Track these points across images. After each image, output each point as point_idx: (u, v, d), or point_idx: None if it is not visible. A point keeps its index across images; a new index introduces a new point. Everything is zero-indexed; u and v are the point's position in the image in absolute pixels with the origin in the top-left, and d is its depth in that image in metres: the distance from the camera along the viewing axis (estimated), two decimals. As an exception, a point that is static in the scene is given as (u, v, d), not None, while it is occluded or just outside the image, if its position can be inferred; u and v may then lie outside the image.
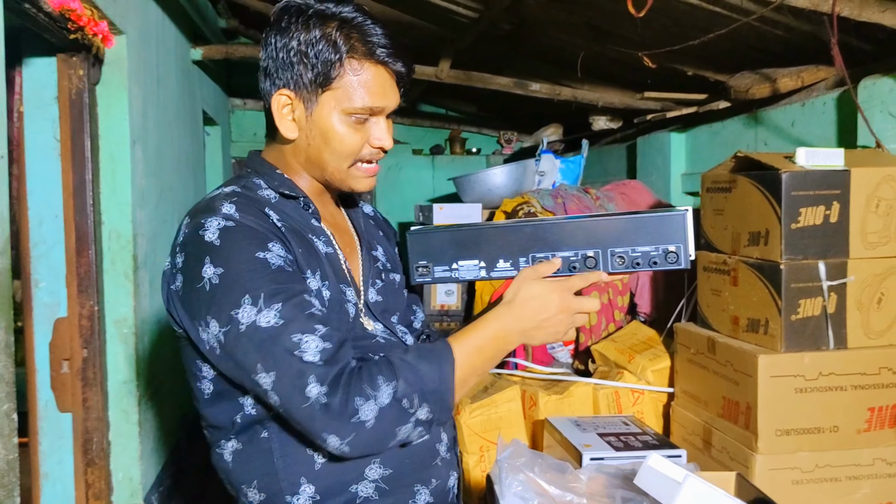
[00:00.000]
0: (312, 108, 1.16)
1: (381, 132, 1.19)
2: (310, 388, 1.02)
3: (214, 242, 1.08)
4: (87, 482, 2.31)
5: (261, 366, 1.04)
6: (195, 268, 1.08)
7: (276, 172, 1.22)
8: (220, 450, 1.20)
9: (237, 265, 1.06)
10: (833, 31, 1.78)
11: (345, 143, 1.17)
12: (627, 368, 2.30)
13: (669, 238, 1.22)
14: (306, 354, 1.03)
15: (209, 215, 1.11)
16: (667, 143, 3.27)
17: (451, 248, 1.26)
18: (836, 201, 1.72)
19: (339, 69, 1.14)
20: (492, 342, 1.15)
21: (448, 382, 1.09)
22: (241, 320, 1.04)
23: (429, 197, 5.57)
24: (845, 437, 1.72)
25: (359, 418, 1.03)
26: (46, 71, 2.27)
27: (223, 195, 1.16)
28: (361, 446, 1.05)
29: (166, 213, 2.93)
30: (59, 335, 2.30)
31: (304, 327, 1.05)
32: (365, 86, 1.15)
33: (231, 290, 1.05)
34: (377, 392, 1.04)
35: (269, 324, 1.04)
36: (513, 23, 3.21)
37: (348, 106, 1.15)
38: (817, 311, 1.73)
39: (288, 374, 1.03)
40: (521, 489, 1.30)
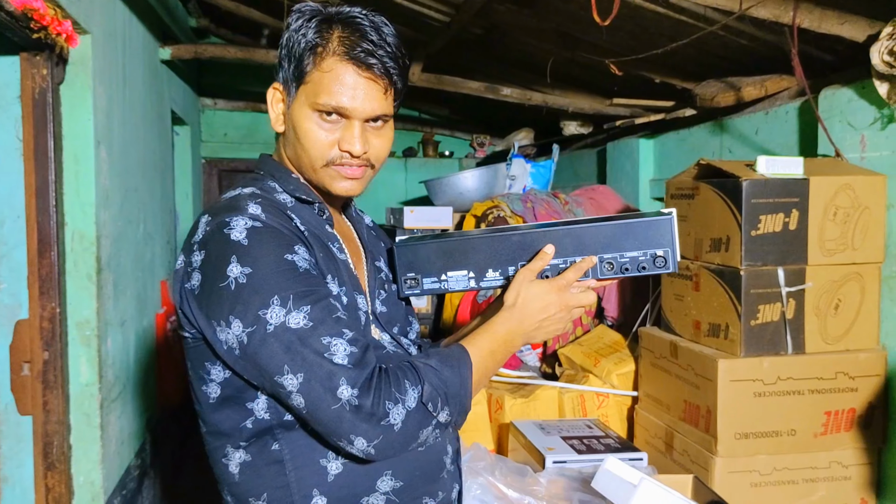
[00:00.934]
0: (291, 101, 1.17)
1: (349, 136, 1.14)
2: (341, 389, 1.02)
3: (242, 242, 1.06)
4: (47, 486, 2.28)
5: (287, 367, 1.03)
6: (219, 266, 1.06)
7: (291, 177, 1.21)
8: (225, 460, 1.17)
9: (266, 266, 1.05)
10: (794, 42, 1.81)
11: (309, 139, 1.15)
12: (593, 372, 2.32)
13: (657, 242, 1.24)
14: (336, 357, 1.03)
15: (235, 214, 1.09)
16: (636, 148, 3.30)
17: (439, 259, 1.27)
18: (796, 209, 1.75)
19: (310, 63, 1.14)
20: (502, 346, 1.18)
21: (468, 386, 1.12)
22: (269, 320, 1.03)
23: (401, 199, 5.57)
24: (803, 441, 1.76)
25: (388, 421, 1.04)
26: (9, 70, 2.23)
27: (245, 195, 1.15)
28: (387, 448, 1.06)
29: (131, 214, 2.90)
30: (20, 337, 2.26)
31: (333, 330, 1.05)
32: (334, 83, 1.13)
33: (259, 291, 1.04)
34: (405, 396, 1.05)
35: (299, 325, 1.03)
36: (484, 28, 3.22)
37: (314, 101, 1.14)
38: (776, 317, 1.76)
39: (318, 375, 1.03)
40: (480, 492, 1.30)
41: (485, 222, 2.97)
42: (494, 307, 1.32)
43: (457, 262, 1.27)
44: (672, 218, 1.23)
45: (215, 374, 1.14)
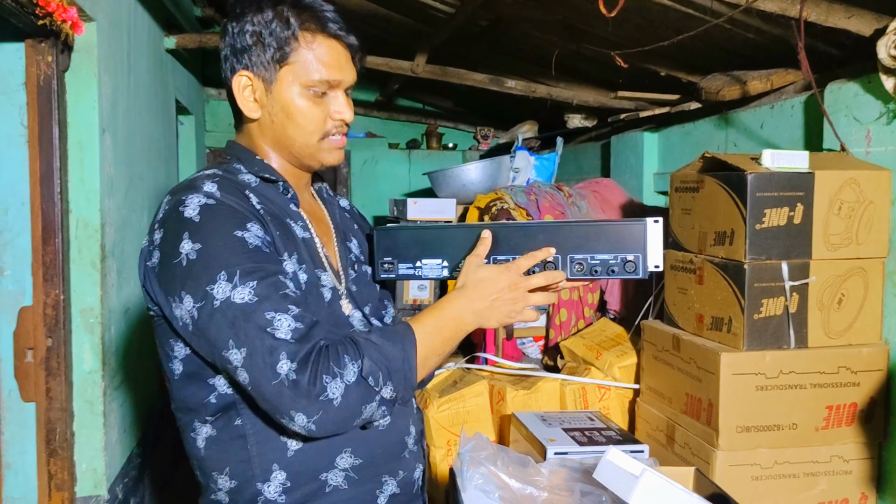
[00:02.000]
0: (272, 85, 1.20)
1: (340, 105, 1.21)
2: (280, 364, 1.02)
3: (194, 219, 1.09)
4: (49, 472, 2.29)
5: (232, 342, 1.05)
6: (173, 243, 1.09)
7: (255, 158, 1.24)
8: (193, 434, 1.20)
9: (215, 242, 1.08)
10: (800, 36, 1.81)
11: (307, 118, 1.20)
12: (595, 365, 2.32)
13: (628, 247, 1.24)
14: (278, 332, 1.04)
15: (191, 192, 1.12)
16: (640, 142, 3.30)
17: (415, 246, 1.29)
18: (800, 203, 1.74)
19: (294, 44, 1.18)
20: (449, 322, 1.17)
21: (411, 361, 1.11)
22: (215, 296, 1.05)
23: (404, 191, 5.56)
24: (804, 435, 1.76)
25: (327, 396, 1.04)
26: (14, 56, 2.23)
27: (205, 175, 1.18)
28: (328, 424, 1.06)
29: (136, 202, 2.90)
30: (24, 324, 2.27)
31: (278, 306, 1.06)
32: (320, 59, 1.19)
33: (207, 266, 1.06)
34: (343, 370, 1.05)
35: (244, 300, 1.04)
36: (489, 19, 3.21)
37: (306, 79, 1.18)
38: (779, 311, 1.76)
39: (259, 350, 1.03)
40: (482, 482, 1.31)
41: (488, 214, 2.97)
42: None
43: (432, 250, 1.29)
44: (645, 224, 1.23)
45: (178, 351, 1.17)
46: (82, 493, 2.37)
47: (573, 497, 1.26)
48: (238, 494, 1.17)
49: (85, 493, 2.38)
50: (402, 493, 1.25)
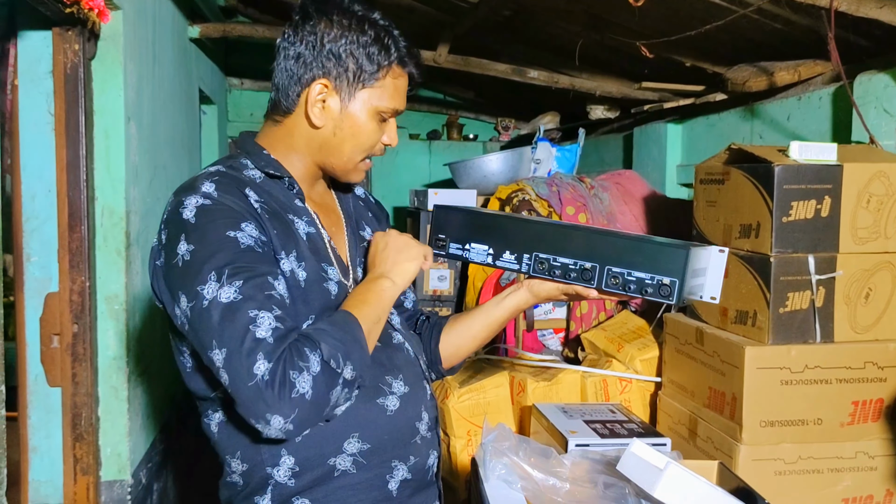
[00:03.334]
0: (348, 101, 1.23)
1: (393, 132, 1.28)
2: (258, 365, 1.03)
3: (191, 220, 1.12)
4: (75, 457, 2.32)
5: (215, 342, 1.06)
6: (173, 244, 1.12)
7: (262, 153, 1.26)
8: (207, 419, 1.24)
9: (208, 243, 1.10)
10: (830, 26, 1.78)
11: (370, 138, 1.25)
12: (616, 357, 2.31)
13: (667, 270, 1.20)
14: (259, 330, 1.05)
15: (189, 193, 1.15)
16: (663, 133, 3.27)
17: (468, 229, 1.33)
18: (828, 196, 1.72)
19: (385, 72, 1.23)
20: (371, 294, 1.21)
21: (361, 339, 1.14)
22: (205, 295, 1.07)
23: (424, 182, 5.56)
24: (829, 430, 1.74)
25: (297, 391, 1.05)
26: (41, 44, 2.25)
27: (206, 174, 1.20)
28: (304, 420, 1.07)
29: (160, 192, 2.92)
30: (50, 310, 2.29)
31: (262, 305, 1.07)
32: (398, 89, 1.25)
33: (200, 267, 1.09)
34: (308, 363, 1.06)
35: (229, 298, 1.06)
36: (512, 9, 3.19)
37: (380, 105, 1.23)
38: (805, 305, 1.74)
39: (239, 351, 1.04)
40: (504, 472, 1.31)
41: (509, 206, 2.96)
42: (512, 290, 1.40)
43: (483, 236, 1.32)
44: (688, 252, 1.19)
45: (186, 346, 1.20)
46: (107, 478, 2.41)
47: (596, 489, 1.26)
48: (250, 477, 1.20)
49: (109, 477, 2.41)
50: (414, 479, 1.26)
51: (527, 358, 2.55)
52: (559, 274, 1.27)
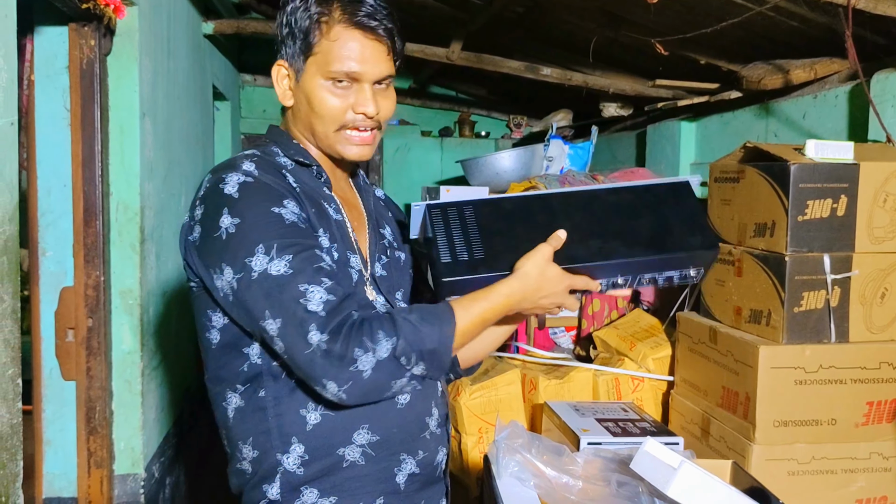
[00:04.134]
0: (300, 75, 1.23)
1: (362, 98, 1.21)
2: (311, 335, 1.06)
3: (233, 195, 1.13)
4: (89, 450, 2.34)
5: (268, 312, 1.09)
6: (214, 218, 1.13)
7: (291, 142, 1.28)
8: (224, 404, 1.24)
9: (253, 217, 1.12)
10: (848, 24, 1.77)
11: (324, 107, 1.21)
12: (628, 356, 2.31)
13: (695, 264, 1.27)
14: (310, 304, 1.07)
15: (230, 171, 1.16)
16: (677, 131, 3.25)
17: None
18: (844, 195, 1.71)
19: (317, 34, 1.20)
20: (494, 306, 1.19)
21: (447, 344, 1.13)
22: (253, 268, 1.09)
23: (436, 179, 5.56)
24: (843, 431, 1.73)
25: (356, 367, 1.07)
26: (58, 40, 2.27)
27: (244, 155, 1.22)
28: (358, 394, 1.10)
29: (174, 187, 2.94)
30: (65, 304, 2.31)
31: (311, 279, 1.09)
32: (342, 51, 1.19)
33: (246, 239, 1.11)
34: (376, 345, 1.08)
35: (279, 272, 1.09)
36: (526, 5, 3.18)
37: (326, 70, 1.20)
38: (820, 305, 1.73)
39: (292, 321, 1.07)
40: (517, 470, 1.31)
41: (522, 203, 2.95)
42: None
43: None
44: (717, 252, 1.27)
45: (216, 321, 1.21)
46: (120, 471, 2.43)
47: (609, 487, 1.26)
48: (259, 464, 1.21)
49: (123, 470, 2.43)
50: (422, 474, 1.26)
51: (538, 356, 2.55)
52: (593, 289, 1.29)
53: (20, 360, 1.49)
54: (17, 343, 1.48)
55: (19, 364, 1.49)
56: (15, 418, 1.45)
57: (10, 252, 1.46)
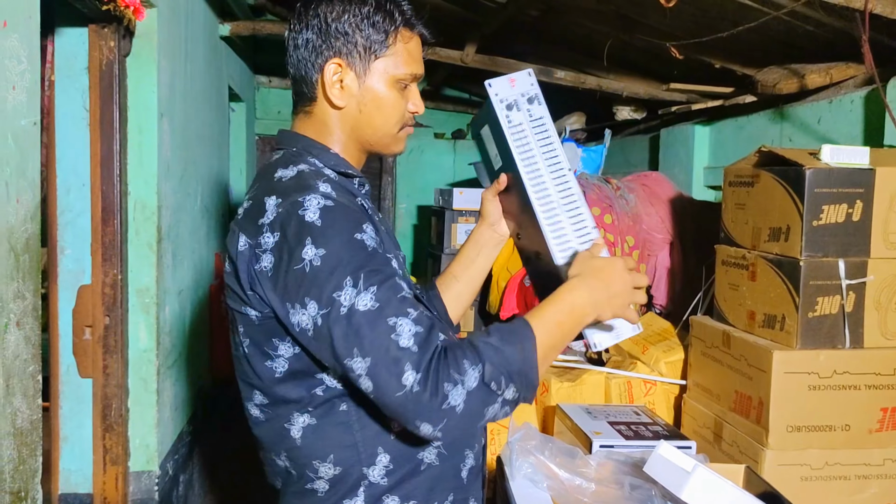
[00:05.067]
0: (364, 75, 1.21)
1: (416, 98, 1.26)
2: (406, 375, 1.02)
3: (316, 223, 1.07)
4: (105, 447, 2.36)
5: (357, 350, 1.04)
6: (295, 249, 1.07)
7: (331, 152, 1.23)
8: (287, 424, 1.18)
9: (338, 247, 1.06)
10: (865, 29, 1.77)
11: (395, 108, 1.23)
12: (641, 359, 2.31)
13: None
14: (402, 339, 1.03)
15: (307, 193, 1.10)
16: (691, 135, 3.25)
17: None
18: (860, 200, 1.71)
19: (393, 38, 1.21)
20: (569, 316, 1.15)
21: (532, 361, 1.09)
22: (342, 303, 1.04)
23: (449, 181, 5.57)
24: (856, 437, 1.73)
25: (449, 404, 1.02)
26: (78, 41, 2.30)
27: (310, 174, 1.15)
28: (453, 429, 1.05)
29: (190, 187, 2.96)
30: (83, 302, 2.34)
31: (398, 311, 1.05)
32: (411, 54, 1.23)
33: (332, 273, 1.05)
34: (464, 377, 1.04)
35: (367, 307, 1.04)
36: (540, 9, 3.19)
37: (397, 73, 1.21)
38: (835, 310, 1.72)
39: (384, 360, 1.03)
40: (531, 471, 1.32)
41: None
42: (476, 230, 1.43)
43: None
44: None
45: (283, 350, 1.15)
46: (135, 468, 2.45)
47: (622, 490, 1.26)
48: (340, 481, 1.16)
49: (138, 467, 2.45)
50: (476, 466, 1.27)
51: (551, 358, 2.55)
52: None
53: (40, 356, 1.52)
54: (38, 340, 1.51)
55: (39, 361, 1.51)
56: (35, 414, 1.47)
57: (32, 250, 1.48)
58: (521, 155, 1.23)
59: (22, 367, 1.44)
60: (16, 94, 1.44)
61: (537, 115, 1.26)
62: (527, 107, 1.25)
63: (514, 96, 1.25)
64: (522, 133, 1.24)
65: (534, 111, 1.26)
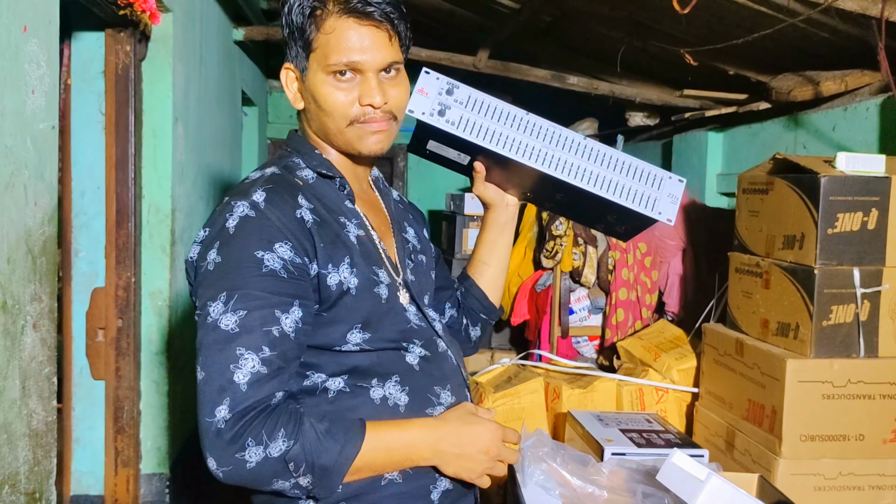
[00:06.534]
0: (305, 74, 1.19)
1: (367, 89, 1.15)
2: (220, 409, 1.03)
3: (229, 229, 1.10)
4: (116, 449, 2.37)
5: (201, 360, 1.06)
6: (207, 248, 1.11)
7: (314, 152, 1.23)
8: None
9: (233, 258, 1.08)
10: (881, 36, 1.76)
11: (330, 103, 1.16)
12: (653, 366, 2.30)
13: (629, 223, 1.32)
14: (239, 373, 1.04)
15: (240, 199, 1.12)
16: (704, 142, 3.24)
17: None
18: (875, 208, 1.70)
19: (312, 29, 1.15)
20: (405, 448, 1.14)
21: (342, 467, 1.08)
22: (210, 313, 1.06)
23: (460, 186, 5.57)
24: (871, 446, 1.71)
25: (243, 457, 1.03)
26: (94, 45, 2.32)
27: (263, 178, 1.17)
28: (235, 478, 1.06)
29: (203, 190, 2.98)
30: (96, 304, 2.35)
31: (253, 344, 1.05)
32: (339, 41, 1.14)
33: (215, 282, 1.08)
34: (271, 443, 1.04)
35: (227, 327, 1.05)
36: (553, 15, 3.19)
37: (326, 64, 1.15)
38: (849, 318, 1.71)
39: (212, 383, 1.04)
40: (543, 478, 1.31)
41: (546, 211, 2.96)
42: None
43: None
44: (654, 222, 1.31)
45: None
46: (146, 470, 2.46)
47: (635, 498, 1.26)
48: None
49: (149, 470, 2.46)
50: (455, 490, 1.25)
51: (562, 365, 2.55)
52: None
53: (55, 359, 1.53)
54: (54, 342, 1.52)
55: (55, 363, 1.52)
56: (50, 416, 1.48)
57: (49, 253, 1.49)
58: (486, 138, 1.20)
59: (38, 369, 1.45)
60: (35, 98, 1.45)
61: (465, 97, 1.20)
62: (452, 99, 1.19)
63: (436, 101, 1.18)
64: (469, 122, 1.21)
65: (460, 96, 1.20)
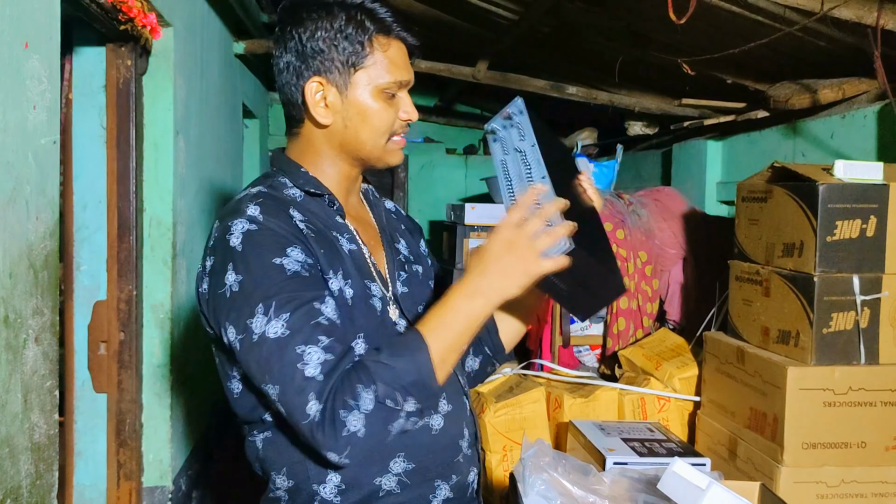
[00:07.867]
0: (346, 89, 1.20)
1: (407, 105, 1.23)
2: (310, 405, 1.04)
3: (237, 248, 1.11)
4: (118, 462, 2.37)
5: (268, 377, 1.07)
6: (220, 273, 1.12)
7: (301, 171, 1.24)
8: (251, 438, 1.23)
9: (255, 272, 1.09)
10: (877, 44, 1.77)
11: (382, 119, 1.21)
12: (654, 375, 2.30)
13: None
14: (308, 368, 1.05)
15: (235, 217, 1.13)
16: (703, 150, 3.25)
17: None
18: (874, 215, 1.70)
19: (369, 47, 1.19)
20: (458, 315, 1.12)
21: (426, 370, 1.09)
22: (254, 330, 1.07)
23: (461, 196, 5.59)
24: (873, 454, 1.71)
25: (348, 430, 1.04)
26: (95, 60, 2.33)
27: (250, 196, 1.18)
28: (360, 454, 1.07)
29: (205, 203, 2.99)
30: (98, 317, 2.36)
31: (309, 338, 1.06)
32: (392, 61, 1.20)
33: (247, 299, 1.08)
34: (358, 400, 1.05)
35: (277, 334, 1.06)
36: (552, 26, 3.21)
37: (380, 82, 1.20)
38: (850, 326, 1.72)
39: (290, 389, 1.05)
40: (544, 488, 1.31)
41: (547, 221, 2.97)
42: None
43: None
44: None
45: (236, 372, 1.20)
46: (149, 483, 2.46)
47: (636, 507, 1.26)
48: (296, 494, 1.19)
49: (151, 483, 2.46)
50: (456, 498, 1.25)
51: (563, 374, 2.55)
52: None
53: (57, 372, 1.53)
54: (56, 356, 1.52)
55: (56, 376, 1.53)
56: (52, 429, 1.48)
57: (51, 267, 1.50)
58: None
59: (40, 383, 1.45)
60: (36, 114, 1.46)
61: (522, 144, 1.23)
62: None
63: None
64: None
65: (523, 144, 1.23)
